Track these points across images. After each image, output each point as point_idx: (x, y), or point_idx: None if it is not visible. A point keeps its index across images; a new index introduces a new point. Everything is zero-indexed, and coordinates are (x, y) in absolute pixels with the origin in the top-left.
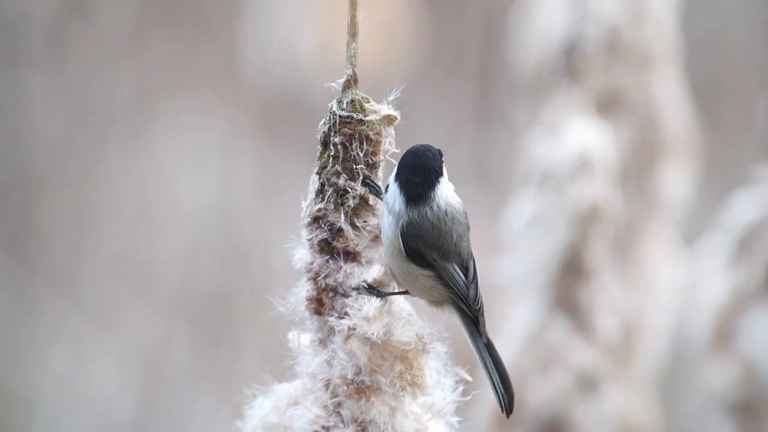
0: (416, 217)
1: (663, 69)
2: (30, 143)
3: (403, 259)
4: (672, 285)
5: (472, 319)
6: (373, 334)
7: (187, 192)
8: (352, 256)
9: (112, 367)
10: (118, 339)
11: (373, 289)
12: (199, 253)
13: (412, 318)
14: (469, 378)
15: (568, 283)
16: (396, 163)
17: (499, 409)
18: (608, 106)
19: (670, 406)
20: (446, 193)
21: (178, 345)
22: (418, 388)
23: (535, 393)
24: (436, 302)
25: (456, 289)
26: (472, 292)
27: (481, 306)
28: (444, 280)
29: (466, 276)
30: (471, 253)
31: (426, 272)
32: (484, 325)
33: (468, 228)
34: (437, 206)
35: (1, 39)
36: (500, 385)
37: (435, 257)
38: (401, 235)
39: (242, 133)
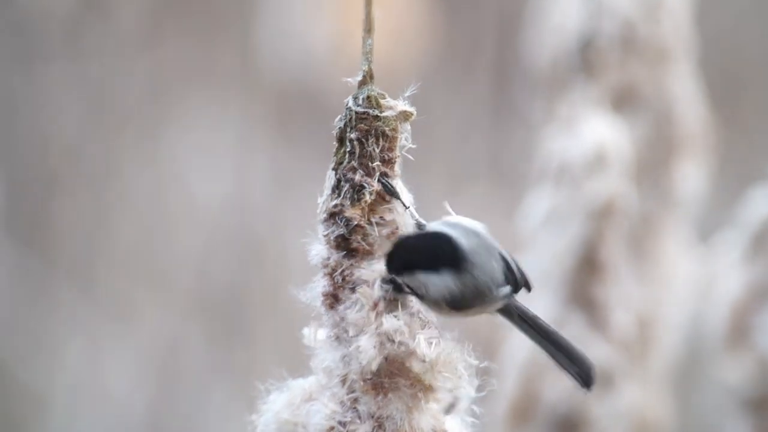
0: (454, 292)
1: (678, 64)
2: (46, 139)
3: (453, 314)
4: (687, 281)
5: (516, 314)
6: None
7: (201, 187)
8: (368, 252)
9: (127, 363)
10: (133, 334)
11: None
12: (213, 248)
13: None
14: (475, 412)
15: (583, 279)
16: (413, 159)
17: (580, 387)
18: (623, 101)
19: (685, 402)
20: (468, 246)
21: (193, 340)
22: (432, 392)
23: (551, 389)
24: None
25: (504, 300)
26: (511, 288)
27: (522, 279)
28: (492, 305)
29: (507, 281)
30: (500, 256)
31: (473, 310)
32: (528, 289)
33: (490, 244)
34: (470, 271)
35: (18, 36)
36: (569, 365)
37: (480, 302)
38: (448, 307)
39: (257, 128)
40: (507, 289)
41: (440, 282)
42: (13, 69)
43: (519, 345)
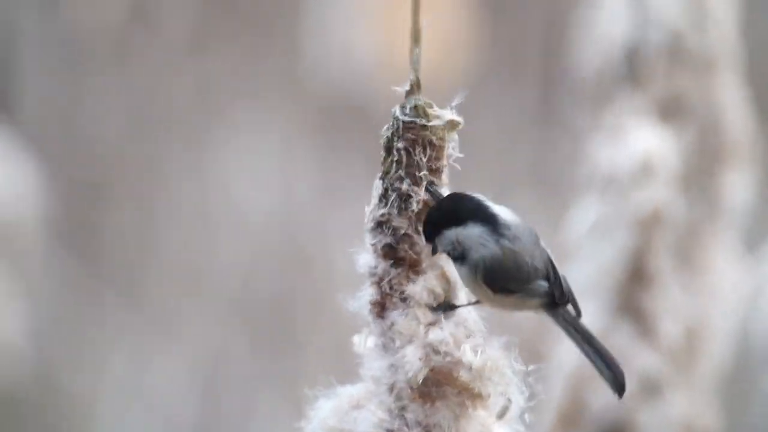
0: (494, 257)
1: (725, 74)
2: (94, 148)
3: (491, 296)
4: (735, 290)
5: (561, 315)
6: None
7: (247, 196)
8: (415, 261)
9: (174, 372)
10: (180, 343)
11: (448, 306)
12: (259, 257)
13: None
14: (525, 420)
15: (631, 289)
16: (460, 168)
17: (612, 392)
18: (670, 111)
19: (733, 411)
20: (506, 218)
21: (239, 349)
22: (480, 400)
23: (598, 398)
24: (520, 311)
25: (544, 299)
26: (557, 291)
27: (569, 296)
28: (532, 296)
29: (548, 280)
30: (547, 257)
31: (514, 296)
32: (576, 314)
33: (535, 236)
34: (508, 237)
35: (67, 45)
36: (605, 369)
37: (520, 286)
38: (484, 283)
39: (302, 137)
40: (546, 284)
41: (470, 234)
42: (62, 78)
43: (567, 352)
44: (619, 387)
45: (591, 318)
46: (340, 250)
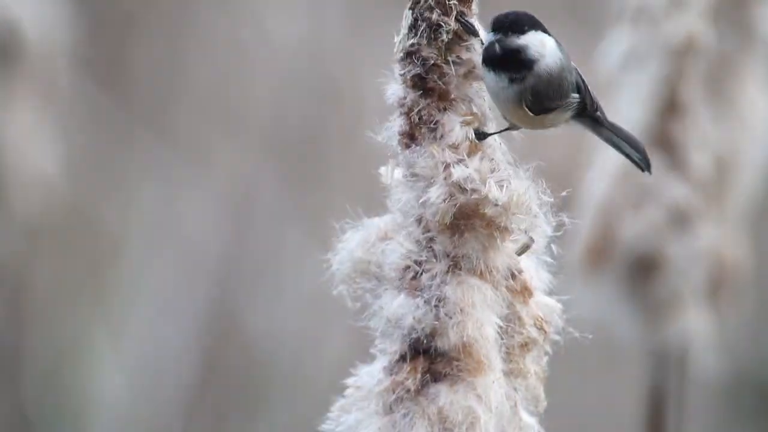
0: (551, 71)
1: None
2: None
3: (530, 118)
4: (766, 120)
5: (591, 119)
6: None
7: (277, 28)
8: (445, 91)
9: (203, 205)
10: (209, 176)
11: (480, 134)
12: (289, 89)
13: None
14: (553, 251)
15: (662, 119)
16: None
17: (640, 170)
18: None
19: (762, 241)
20: (542, 39)
21: (268, 181)
22: (507, 234)
23: (627, 228)
24: (554, 126)
25: (577, 111)
26: (588, 101)
27: (597, 105)
28: (567, 109)
29: (579, 93)
30: (574, 67)
31: (552, 113)
32: (603, 115)
33: (565, 51)
34: (565, 52)
35: None
36: (632, 151)
37: (559, 103)
38: (527, 106)
39: None
40: (578, 96)
41: (550, 41)
42: None
43: (597, 184)
44: (647, 164)
45: None
46: (370, 82)
